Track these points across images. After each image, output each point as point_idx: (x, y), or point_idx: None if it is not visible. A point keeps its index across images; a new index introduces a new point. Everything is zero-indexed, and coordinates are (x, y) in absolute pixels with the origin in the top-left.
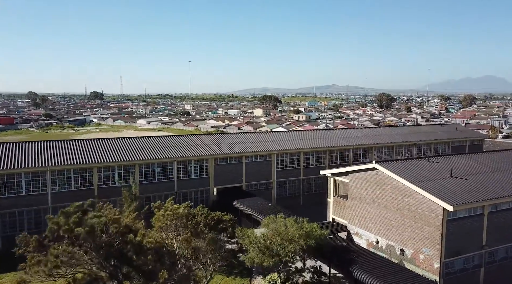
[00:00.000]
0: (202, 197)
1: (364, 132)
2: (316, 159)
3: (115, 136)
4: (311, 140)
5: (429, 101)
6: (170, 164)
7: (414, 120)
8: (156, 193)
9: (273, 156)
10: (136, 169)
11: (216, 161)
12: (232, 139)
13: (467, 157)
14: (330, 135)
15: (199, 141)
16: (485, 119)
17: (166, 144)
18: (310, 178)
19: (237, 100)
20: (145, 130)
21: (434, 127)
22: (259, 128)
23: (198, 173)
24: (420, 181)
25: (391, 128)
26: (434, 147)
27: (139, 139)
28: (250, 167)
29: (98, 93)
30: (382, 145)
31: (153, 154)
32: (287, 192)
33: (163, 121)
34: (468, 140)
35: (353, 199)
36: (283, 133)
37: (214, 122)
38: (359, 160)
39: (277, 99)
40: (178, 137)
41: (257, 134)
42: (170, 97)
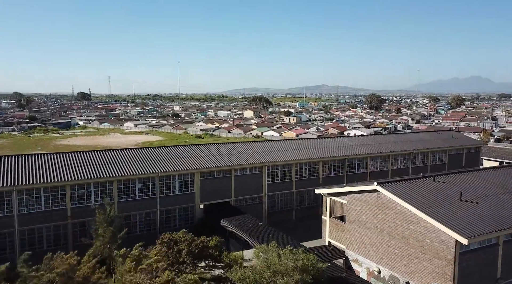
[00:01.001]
0: (187, 214)
1: (359, 141)
2: (309, 170)
3: (92, 148)
4: (304, 150)
5: (418, 102)
6: (152, 180)
7: (405, 122)
8: (137, 211)
9: (263, 168)
10: (115, 186)
11: (203, 175)
12: (220, 150)
13: (474, 175)
14: (324, 144)
15: (184, 153)
16: (475, 121)
17: (148, 157)
18: (303, 190)
19: (227, 100)
20: (132, 134)
21: (430, 135)
22: (249, 132)
23: (182, 188)
24: (428, 206)
25: (386, 136)
26: (431, 156)
27: (118, 152)
28: (239, 180)
29: (85, 94)
30: (378, 155)
31: (133, 168)
32: (278, 206)
33: (151, 123)
34: (465, 148)
35: (352, 222)
36: (274, 143)
37: (204, 125)
38: (354, 171)
39: (268, 101)
40: (160, 149)
41: (246, 145)
42: (159, 97)
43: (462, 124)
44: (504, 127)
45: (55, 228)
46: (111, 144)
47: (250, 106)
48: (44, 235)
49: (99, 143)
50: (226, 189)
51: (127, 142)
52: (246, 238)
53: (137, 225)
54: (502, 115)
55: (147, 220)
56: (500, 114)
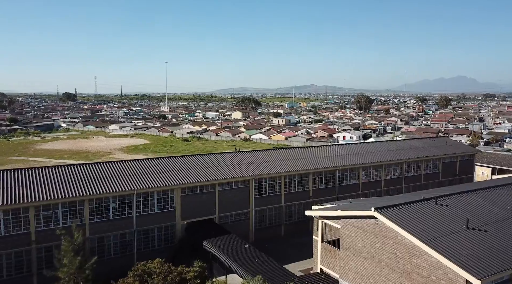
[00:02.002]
0: (167, 234)
1: (350, 150)
2: (299, 183)
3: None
4: (293, 161)
5: (406, 102)
6: (128, 197)
7: (394, 124)
8: (111, 232)
9: (250, 182)
10: (86, 206)
11: (184, 190)
12: (203, 163)
13: (478, 195)
14: (314, 154)
15: (164, 167)
16: (463, 123)
17: (124, 172)
18: (293, 204)
19: (216, 100)
20: (117, 137)
21: (423, 142)
22: (238, 135)
23: (162, 205)
24: (432, 237)
25: (378, 143)
26: (424, 164)
27: (90, 167)
28: (224, 195)
29: (70, 94)
30: (370, 165)
31: (106, 186)
32: (266, 221)
33: (136, 126)
34: (459, 156)
35: (347, 249)
36: (262, 154)
37: (191, 127)
38: (345, 181)
39: (257, 102)
40: (138, 162)
41: (232, 156)
42: (147, 97)
43: (451, 126)
44: (492, 129)
45: (17, 255)
46: (94, 147)
47: (239, 107)
48: (4, 263)
49: (82, 147)
50: (209, 205)
51: (110, 145)
52: (230, 263)
53: (111, 248)
54: (489, 116)
55: (123, 241)
56: (487, 115)
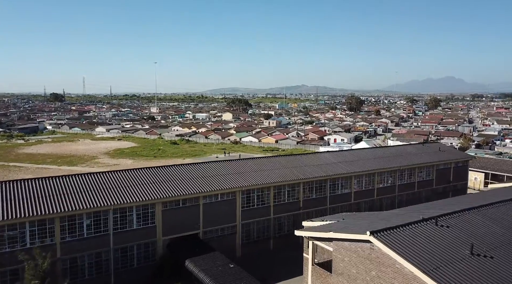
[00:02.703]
0: (147, 252)
1: (341, 157)
2: (289, 193)
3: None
4: (282, 170)
5: (396, 103)
6: (103, 213)
7: (385, 126)
8: (85, 252)
9: (237, 194)
10: (57, 224)
11: (165, 204)
12: (186, 173)
13: (480, 213)
14: (304, 162)
15: (144, 178)
16: (453, 124)
17: (100, 186)
18: (282, 216)
19: (207, 101)
20: (104, 140)
21: (416, 148)
22: (228, 137)
23: (141, 221)
24: (435, 266)
25: (371, 150)
26: (418, 172)
27: (62, 180)
28: (209, 209)
29: (58, 95)
30: (363, 173)
31: (80, 201)
32: (254, 235)
33: (124, 128)
34: (453, 162)
35: (339, 274)
36: (250, 163)
37: (180, 129)
38: (337, 191)
39: (247, 103)
40: (115, 174)
41: (218, 166)
42: (137, 98)
43: (441, 128)
44: (482, 131)
45: None
46: (79, 151)
47: (230, 108)
48: None
49: (66, 150)
50: (193, 219)
51: (96, 149)
52: None
53: (86, 269)
54: (478, 117)
55: (98, 261)
56: (476, 116)
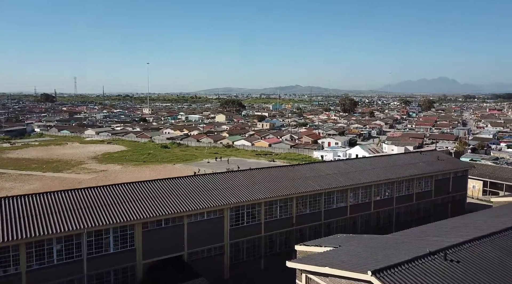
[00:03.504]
0: (125, 278)
1: (336, 168)
2: (281, 208)
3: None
4: (274, 183)
5: (390, 104)
6: (76, 237)
7: (379, 128)
8: (56, 281)
9: (225, 211)
10: (22, 250)
11: (146, 225)
12: (170, 190)
13: (492, 243)
14: (297, 174)
15: (122, 196)
16: (447, 127)
17: (72, 205)
18: (274, 233)
19: (200, 101)
20: (93, 143)
21: (414, 157)
22: (220, 141)
23: (119, 244)
24: None
25: (367, 160)
26: (416, 183)
27: (31, 200)
28: (195, 228)
29: (49, 95)
30: (359, 185)
31: (49, 224)
32: (244, 254)
33: (114, 131)
34: (452, 172)
35: None
36: (240, 176)
37: (171, 132)
38: (332, 205)
39: (241, 104)
40: (91, 191)
41: (204, 180)
42: (130, 98)
43: (436, 131)
44: (476, 134)
45: None
46: (66, 155)
47: (223, 109)
48: None
49: (53, 155)
50: (177, 240)
51: (85, 153)
52: None
53: None
54: (471, 118)
55: None
56: (469, 118)
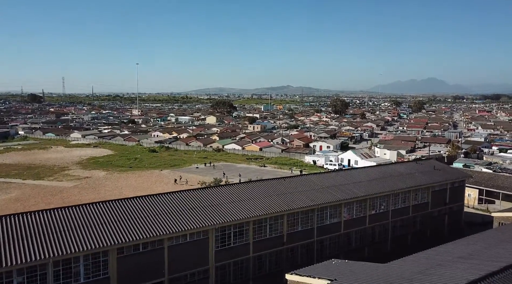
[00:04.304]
0: None
1: (329, 180)
2: (271, 227)
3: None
4: (263, 199)
5: (380, 105)
6: (41, 268)
7: (370, 130)
8: None
9: (210, 232)
10: None
11: (121, 251)
12: (150, 208)
13: (508, 279)
14: (288, 188)
15: (96, 218)
16: (438, 129)
17: (36, 230)
18: (263, 254)
19: (191, 102)
20: (79, 146)
21: (410, 167)
22: (210, 144)
23: (91, 273)
24: None
25: (362, 171)
26: (413, 195)
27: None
28: (176, 251)
29: (36, 95)
30: (354, 200)
31: (8, 254)
32: (231, 278)
33: (101, 133)
34: (449, 183)
35: None
36: (226, 191)
37: (160, 135)
38: (325, 221)
39: (232, 105)
40: (59, 213)
41: (188, 197)
42: (120, 98)
43: (427, 133)
44: (468, 137)
45: None
46: (49, 160)
47: (214, 110)
48: None
49: (36, 160)
50: (157, 265)
51: (69, 157)
52: None
53: None
54: (461, 120)
55: None
56: (459, 120)
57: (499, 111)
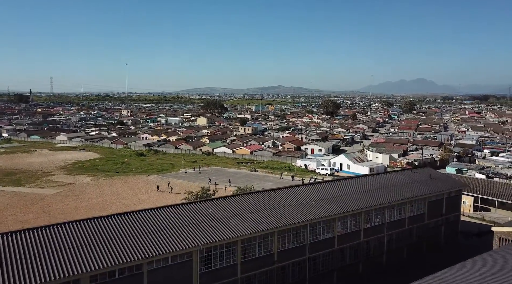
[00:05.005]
0: None
1: (323, 192)
2: (261, 245)
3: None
4: (252, 215)
5: (371, 105)
6: None
7: (362, 132)
8: None
9: (194, 254)
10: None
11: (95, 278)
12: (127, 228)
13: None
14: (279, 201)
15: (66, 240)
16: (429, 131)
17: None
18: (252, 274)
19: (182, 102)
20: (64, 150)
21: (405, 176)
22: (200, 147)
23: None
24: None
25: (356, 181)
26: (409, 206)
27: None
28: (157, 276)
29: (23, 95)
30: (348, 213)
31: None
32: None
33: (88, 136)
34: (445, 193)
35: None
36: (213, 206)
37: (149, 137)
38: (318, 237)
39: (223, 106)
40: (26, 235)
41: (171, 213)
42: (110, 98)
43: (419, 136)
44: (459, 139)
45: None
46: (33, 165)
47: (205, 111)
48: None
49: (19, 164)
50: None
51: (54, 161)
52: None
53: None
54: (451, 122)
55: None
56: (449, 121)
57: (488, 113)
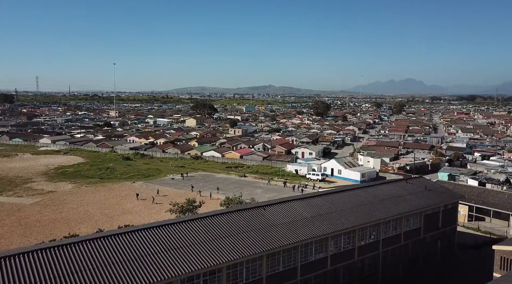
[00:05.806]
0: None
1: (315, 209)
2: (248, 270)
3: None
4: (240, 237)
5: (361, 106)
6: None
7: (352, 134)
8: None
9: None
10: None
11: None
12: (100, 257)
13: None
14: (269, 219)
15: (46, 268)
16: (419, 133)
17: None
18: None
19: (171, 101)
20: (48, 153)
21: (400, 188)
22: (188, 151)
23: None
24: None
25: (350, 195)
26: (405, 221)
27: None
28: None
29: (7, 95)
30: (341, 232)
31: None
32: None
33: (73, 139)
34: (442, 206)
35: None
36: (195, 227)
37: (136, 140)
38: (310, 257)
39: (213, 107)
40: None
41: (149, 237)
42: (98, 98)
43: (409, 139)
44: (449, 142)
45: None
46: (13, 170)
47: (194, 112)
48: None
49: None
50: None
51: (35, 167)
52: None
53: None
54: (441, 123)
55: None
56: (439, 122)
57: (476, 114)
